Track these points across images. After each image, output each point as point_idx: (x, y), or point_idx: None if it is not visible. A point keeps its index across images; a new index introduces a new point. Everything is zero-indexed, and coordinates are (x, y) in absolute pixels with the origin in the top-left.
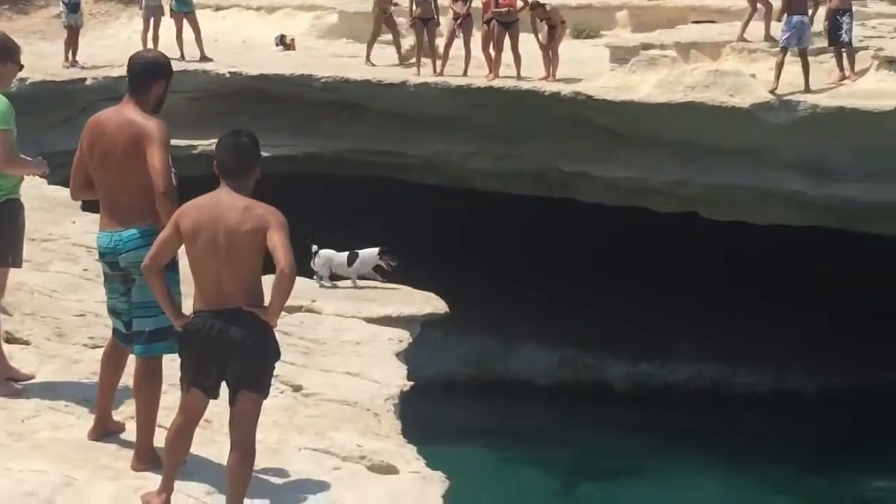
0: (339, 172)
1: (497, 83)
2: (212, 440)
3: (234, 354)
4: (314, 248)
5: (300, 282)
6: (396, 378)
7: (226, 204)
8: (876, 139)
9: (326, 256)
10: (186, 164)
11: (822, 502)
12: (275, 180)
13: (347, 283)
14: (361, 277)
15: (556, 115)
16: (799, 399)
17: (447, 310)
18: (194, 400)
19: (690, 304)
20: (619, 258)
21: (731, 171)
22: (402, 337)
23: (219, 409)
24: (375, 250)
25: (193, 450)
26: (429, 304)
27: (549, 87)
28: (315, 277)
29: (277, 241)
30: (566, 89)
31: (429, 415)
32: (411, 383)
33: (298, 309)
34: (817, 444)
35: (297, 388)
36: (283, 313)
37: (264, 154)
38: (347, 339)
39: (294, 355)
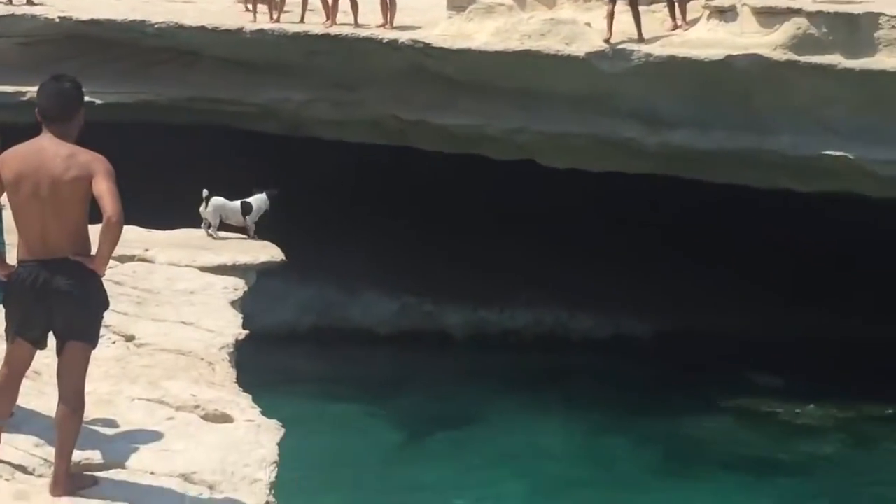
0: (176, 120)
1: (334, 30)
2: (40, 392)
3: (61, 304)
4: (205, 193)
5: (133, 230)
6: (231, 327)
7: (49, 151)
8: (706, 88)
9: (218, 204)
10: (15, 111)
11: (656, 440)
12: (108, 127)
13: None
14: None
15: (394, 64)
16: (634, 343)
17: (283, 258)
18: (20, 350)
19: (529, 251)
20: (459, 205)
21: (567, 119)
22: (237, 286)
23: (49, 361)
24: (264, 195)
25: (21, 402)
26: (265, 252)
27: (387, 34)
28: (203, 225)
29: (104, 189)
30: (403, 37)
31: (268, 364)
32: (246, 332)
33: (131, 258)
34: (651, 386)
35: (129, 339)
36: (114, 263)
37: (97, 101)
38: (181, 289)
39: (126, 305)
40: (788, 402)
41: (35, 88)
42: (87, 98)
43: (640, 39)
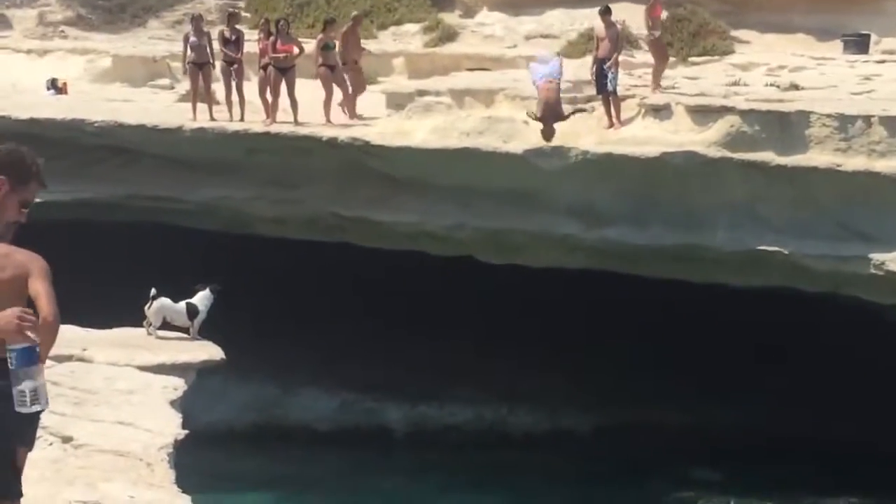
0: (115, 218)
1: (274, 128)
2: None
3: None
4: (152, 292)
5: (70, 330)
6: (170, 426)
7: None
8: (643, 184)
9: (161, 305)
10: None
11: None
12: (47, 227)
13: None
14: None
15: (334, 161)
16: (573, 437)
17: (223, 356)
18: None
19: (469, 346)
20: (397, 301)
21: (506, 215)
22: (176, 385)
23: None
24: (207, 292)
25: None
26: (204, 350)
27: (326, 132)
28: (145, 323)
29: (40, 289)
30: (343, 135)
31: (208, 463)
32: (186, 432)
33: (69, 358)
34: (592, 482)
35: (66, 440)
36: (51, 362)
37: (36, 200)
38: (120, 388)
39: (64, 406)
40: (727, 495)
41: None
42: None
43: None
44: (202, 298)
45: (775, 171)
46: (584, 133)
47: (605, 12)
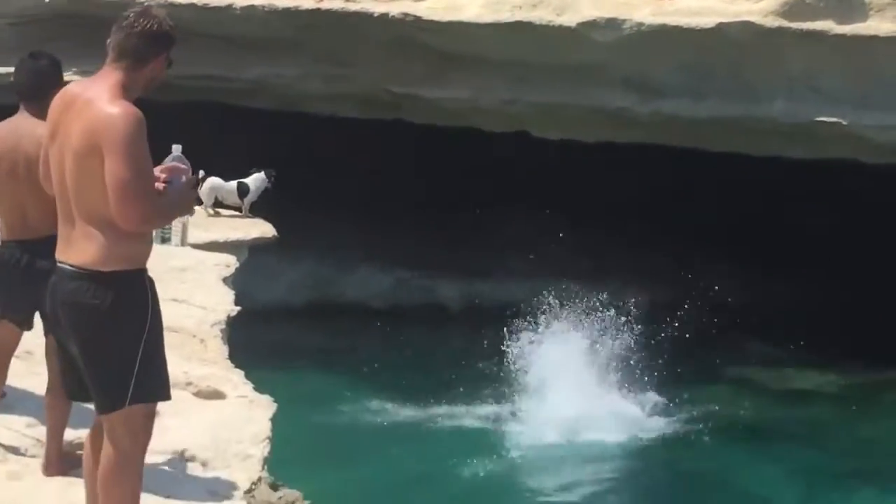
0: (166, 98)
1: (325, 4)
2: (32, 372)
3: (44, 284)
4: (201, 174)
5: None
6: (223, 303)
7: (24, 130)
8: (698, 56)
9: (212, 185)
10: (6, 92)
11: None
12: None
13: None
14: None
15: (386, 37)
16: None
17: (275, 233)
18: (6, 332)
19: (526, 223)
20: (452, 178)
21: (559, 89)
22: (228, 262)
23: (40, 341)
24: (261, 175)
25: (13, 382)
26: (256, 228)
27: (378, 7)
28: (203, 206)
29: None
30: (394, 10)
31: (264, 341)
32: (238, 308)
33: None
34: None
35: None
36: None
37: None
38: (172, 266)
39: None
40: (785, 368)
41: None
42: (78, 77)
43: None
44: (254, 179)
45: (834, 40)
46: (639, 4)
47: None
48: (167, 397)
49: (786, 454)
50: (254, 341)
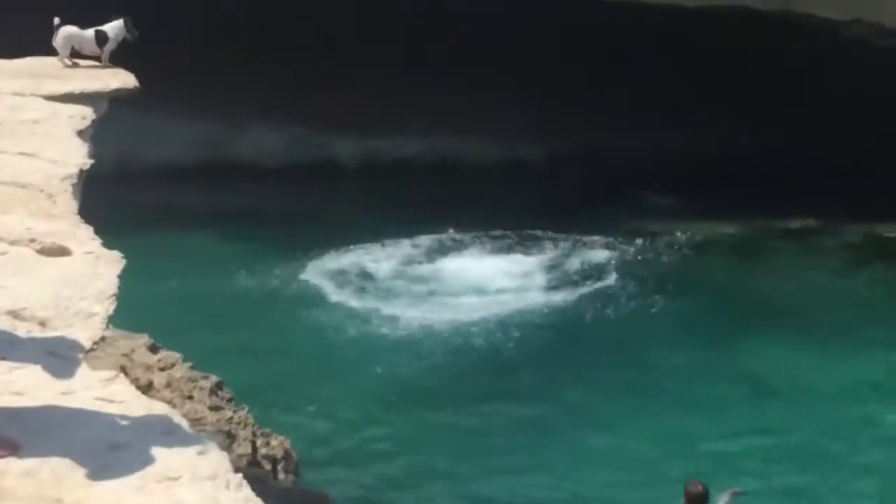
0: None
1: None
2: None
3: None
4: (56, 21)
5: None
6: (76, 157)
7: None
8: None
9: (69, 33)
10: None
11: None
12: None
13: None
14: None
15: None
16: (525, 166)
17: (137, 84)
18: None
19: (420, 80)
20: (346, 33)
21: None
22: (84, 114)
23: None
24: (120, 22)
25: None
26: (116, 79)
27: None
28: (58, 57)
29: None
30: None
31: (153, 199)
32: (91, 161)
33: None
34: (542, 206)
35: None
36: None
37: None
38: (25, 118)
39: None
40: (680, 219)
41: None
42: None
43: None
44: (113, 27)
45: None
46: None
47: None
48: None
49: (679, 303)
50: (145, 200)
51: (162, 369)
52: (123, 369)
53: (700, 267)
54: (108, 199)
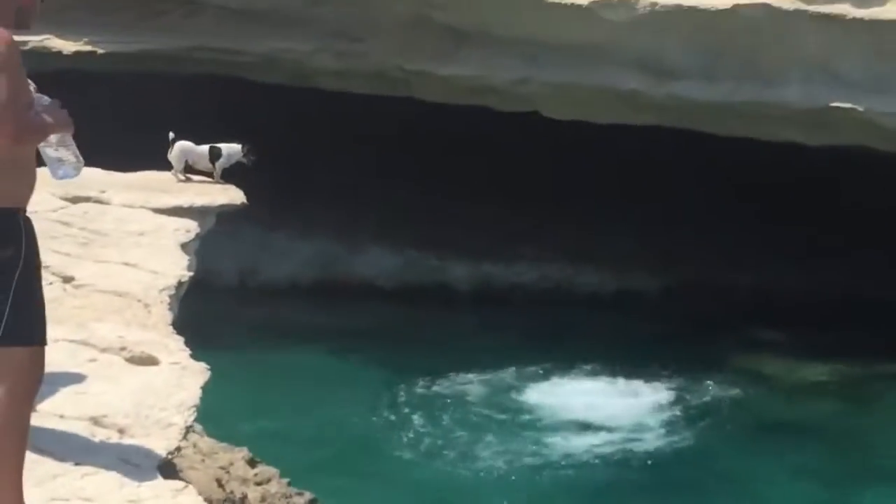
0: (178, 70)
1: None
2: None
3: None
4: (171, 136)
5: (92, 172)
6: (176, 268)
7: None
8: (713, 38)
9: (184, 148)
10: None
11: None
12: (113, 77)
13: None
14: (199, 172)
15: (398, 12)
16: (639, 297)
17: (244, 200)
18: None
19: (534, 205)
20: (463, 159)
21: (572, 69)
22: (189, 227)
23: None
24: (238, 146)
25: None
26: (225, 194)
27: None
28: (172, 171)
29: None
30: None
31: (269, 316)
32: (191, 274)
33: (86, 199)
34: (654, 339)
35: (67, 280)
36: (65, 203)
37: (99, 51)
38: (131, 230)
39: (71, 246)
40: (792, 358)
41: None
42: (89, 47)
43: None
44: (229, 146)
45: (851, 24)
46: None
47: None
48: (39, 342)
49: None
50: (260, 317)
51: (258, 483)
52: (219, 482)
53: (811, 410)
54: (226, 312)
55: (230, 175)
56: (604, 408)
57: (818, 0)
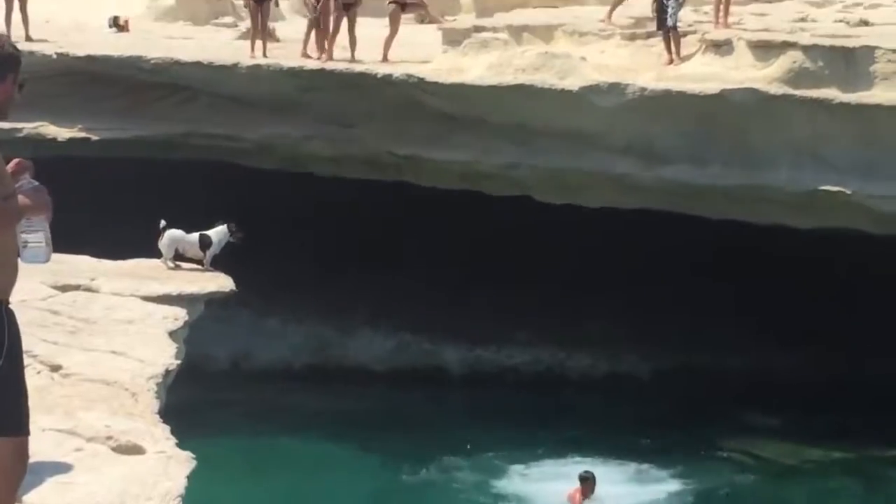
0: (172, 157)
1: (329, 65)
2: None
3: None
4: (161, 224)
5: (82, 260)
6: (164, 357)
7: None
8: (702, 122)
9: (174, 237)
10: (11, 147)
11: (651, 479)
12: (106, 163)
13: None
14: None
15: (389, 99)
16: (631, 381)
17: (233, 287)
18: None
19: (526, 289)
20: (454, 242)
21: (563, 154)
22: (177, 315)
23: None
24: (224, 228)
25: None
26: (214, 282)
27: (382, 69)
28: (162, 259)
29: None
30: (398, 72)
31: (261, 400)
32: (178, 362)
33: (75, 287)
34: (646, 424)
35: (55, 368)
36: (54, 292)
37: (93, 137)
38: (119, 318)
39: (59, 335)
40: (787, 442)
41: (31, 125)
42: (83, 134)
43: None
44: (217, 232)
45: (839, 108)
46: (643, 69)
47: None
48: (21, 433)
49: None
50: (252, 401)
51: None
52: None
53: (805, 496)
54: (219, 397)
55: (221, 259)
56: (596, 495)
57: (805, 84)
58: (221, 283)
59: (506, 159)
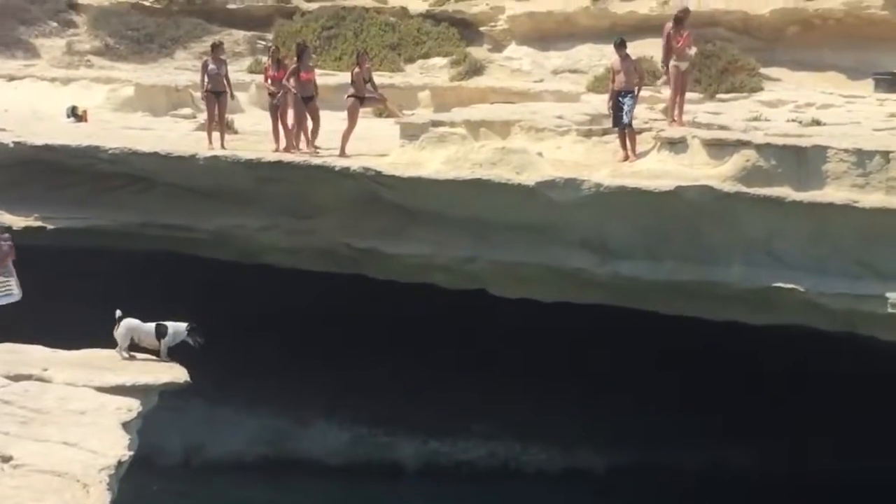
0: (129, 247)
1: (287, 157)
2: None
3: None
4: (118, 314)
5: (37, 349)
6: (116, 448)
7: None
8: (656, 219)
9: (130, 326)
10: None
11: None
12: (63, 252)
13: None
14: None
15: (346, 192)
16: (587, 476)
17: (187, 379)
18: None
19: (481, 382)
20: (409, 336)
21: (519, 248)
22: (130, 406)
23: None
24: (184, 325)
25: None
26: (168, 372)
27: (339, 162)
28: (117, 349)
29: None
30: (355, 165)
31: (215, 493)
32: (130, 453)
33: (28, 377)
34: None
35: (6, 459)
36: (6, 381)
37: (49, 226)
38: (72, 409)
39: (10, 425)
40: None
41: None
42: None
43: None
44: (174, 325)
45: (791, 206)
46: (598, 165)
47: (620, 45)
48: None
49: None
50: (207, 494)
51: None
52: None
53: None
54: (170, 490)
55: (177, 347)
56: None
57: (758, 183)
58: (176, 373)
59: (463, 253)
